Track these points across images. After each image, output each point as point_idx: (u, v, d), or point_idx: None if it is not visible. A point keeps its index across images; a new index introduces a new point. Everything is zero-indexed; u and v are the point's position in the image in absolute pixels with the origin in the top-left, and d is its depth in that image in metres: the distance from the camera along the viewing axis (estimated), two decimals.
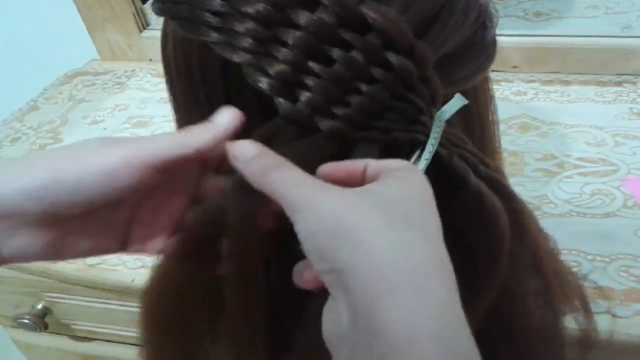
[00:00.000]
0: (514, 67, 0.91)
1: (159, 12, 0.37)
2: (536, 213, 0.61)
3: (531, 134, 0.76)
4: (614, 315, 0.50)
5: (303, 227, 0.28)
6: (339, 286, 0.27)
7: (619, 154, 0.70)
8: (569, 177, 0.68)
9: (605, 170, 0.68)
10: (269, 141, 0.32)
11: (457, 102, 0.36)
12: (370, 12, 0.32)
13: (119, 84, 1.02)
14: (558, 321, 0.45)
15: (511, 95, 0.85)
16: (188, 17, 0.35)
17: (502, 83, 0.89)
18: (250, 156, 0.31)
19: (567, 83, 0.87)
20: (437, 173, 0.36)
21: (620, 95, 0.82)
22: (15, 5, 1.15)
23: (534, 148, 0.73)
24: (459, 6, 0.35)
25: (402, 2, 0.33)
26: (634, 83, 0.84)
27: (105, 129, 0.90)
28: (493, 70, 0.90)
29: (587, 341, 0.47)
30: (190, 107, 0.39)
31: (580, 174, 0.68)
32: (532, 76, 0.89)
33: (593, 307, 0.48)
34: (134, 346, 0.75)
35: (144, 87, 1.00)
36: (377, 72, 0.33)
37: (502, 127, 0.77)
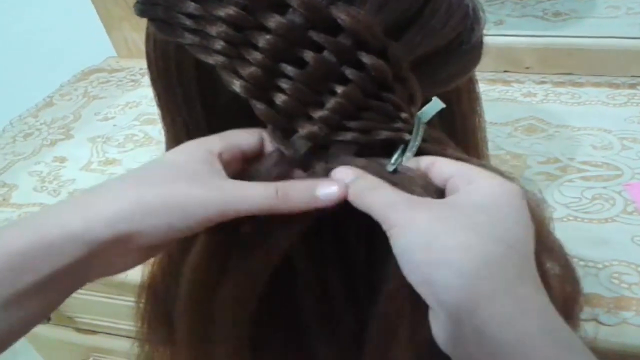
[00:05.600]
0: (527, 67, 0.89)
1: (139, 13, 0.37)
2: None
3: (537, 136, 0.75)
4: (599, 323, 0.49)
5: (398, 243, 0.31)
6: (432, 297, 0.29)
7: (624, 158, 0.69)
8: (571, 180, 0.66)
9: (608, 175, 0.66)
10: None
11: (435, 104, 0.36)
12: (339, 14, 0.32)
13: (133, 81, 1.04)
14: None
15: (520, 97, 0.84)
16: (164, 19, 0.35)
17: (513, 84, 0.87)
18: (349, 180, 0.33)
19: (579, 85, 0.85)
20: None
21: (633, 98, 0.80)
22: (37, 4, 1.18)
23: (538, 151, 0.72)
24: (442, 7, 0.35)
25: (376, 3, 0.33)
26: None
27: (115, 125, 0.91)
28: (505, 71, 0.90)
29: None
30: (171, 107, 0.40)
31: (583, 178, 0.66)
32: (544, 77, 0.88)
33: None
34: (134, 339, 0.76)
35: None
36: (350, 72, 0.33)
37: (508, 129, 0.76)
